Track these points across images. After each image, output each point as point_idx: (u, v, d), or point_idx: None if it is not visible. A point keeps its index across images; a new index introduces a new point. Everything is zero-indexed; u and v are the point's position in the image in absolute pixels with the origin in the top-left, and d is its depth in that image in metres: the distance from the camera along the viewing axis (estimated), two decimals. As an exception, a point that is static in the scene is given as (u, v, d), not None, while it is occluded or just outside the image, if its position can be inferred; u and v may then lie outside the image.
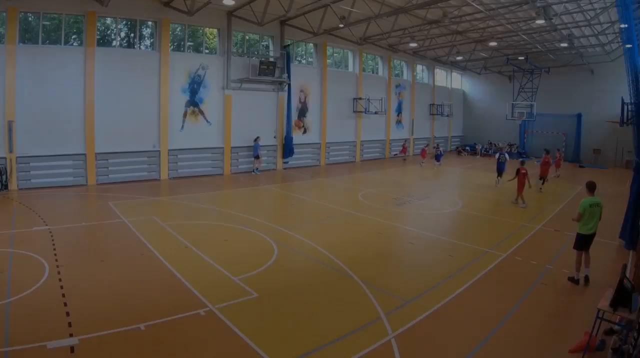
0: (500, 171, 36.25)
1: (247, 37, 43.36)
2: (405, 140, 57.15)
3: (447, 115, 66.02)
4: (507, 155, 38.12)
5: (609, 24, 39.24)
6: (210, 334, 11.49)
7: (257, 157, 41.99)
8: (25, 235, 19.84)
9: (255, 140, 41.95)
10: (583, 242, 15.65)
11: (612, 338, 11.23)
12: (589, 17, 36.95)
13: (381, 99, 53.31)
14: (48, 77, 31.67)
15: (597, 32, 42.55)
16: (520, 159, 33.53)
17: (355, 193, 32.25)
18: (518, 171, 29.87)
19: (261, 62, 41.27)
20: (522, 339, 11.64)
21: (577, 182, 39.25)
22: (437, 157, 47.99)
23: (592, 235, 15.77)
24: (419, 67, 63.72)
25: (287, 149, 44.46)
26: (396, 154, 56.06)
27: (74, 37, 33.95)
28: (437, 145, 50.64)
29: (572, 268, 15.97)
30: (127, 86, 34.90)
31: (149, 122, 36.30)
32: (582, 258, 15.67)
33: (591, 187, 15.92)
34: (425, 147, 53.97)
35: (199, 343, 11.05)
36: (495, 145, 64.74)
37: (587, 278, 15.65)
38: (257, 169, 42.26)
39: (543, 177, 36.09)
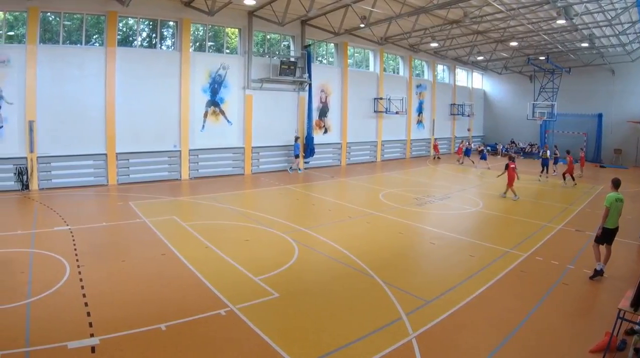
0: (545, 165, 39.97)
1: (268, 37, 42.77)
2: (436, 139, 56.43)
3: (468, 115, 64.87)
4: (548, 152, 40.43)
5: (630, 24, 38.56)
6: (231, 334, 11.33)
7: (297, 156, 42.02)
8: (46, 235, 19.63)
9: (296, 140, 42.16)
10: (609, 236, 15.66)
11: (633, 338, 10.90)
12: (609, 17, 35.90)
13: (402, 99, 52.35)
14: (69, 77, 31.29)
15: (618, 32, 41.83)
16: (509, 154, 34.07)
17: (376, 193, 31.67)
18: (507, 166, 30.93)
19: (282, 62, 40.70)
20: (542, 339, 11.43)
21: (598, 182, 38.99)
22: (483, 156, 46.91)
23: (616, 229, 15.79)
24: (439, 67, 62.67)
25: (308, 148, 43.65)
26: (436, 156, 55.82)
27: (95, 37, 33.45)
28: (481, 145, 49.74)
29: (593, 269, 15.74)
30: (148, 86, 34.52)
31: (169, 122, 35.87)
32: (600, 251, 15.80)
33: (616, 184, 16.19)
34: (461, 144, 52.95)
35: (219, 343, 10.91)
36: (516, 145, 64.02)
37: (602, 272, 15.72)
38: (298, 167, 42.30)
39: (567, 175, 37.14)
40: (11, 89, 29.33)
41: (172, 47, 36.82)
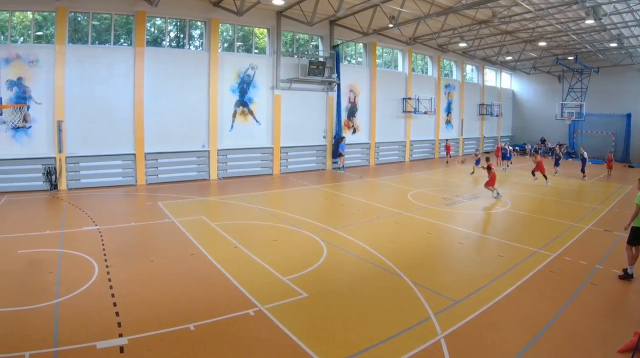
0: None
1: (296, 37, 41.93)
2: (447, 139, 52.96)
3: (497, 115, 63.68)
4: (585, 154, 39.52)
5: (659, 24, 37.42)
6: (259, 334, 11.07)
7: (341, 155, 41.84)
8: (74, 235, 19.35)
9: (341, 139, 42.13)
10: (639, 236, 15.06)
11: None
12: (638, 17, 35.01)
13: (430, 99, 51.31)
14: (97, 77, 30.87)
15: (646, 32, 40.54)
16: (487, 156, 33.27)
17: (405, 193, 30.84)
18: (490, 167, 30.10)
19: (311, 62, 39.97)
20: (571, 339, 11.11)
21: (626, 182, 37.98)
22: (506, 157, 44.65)
23: None
24: (468, 67, 61.30)
25: (337, 149, 42.83)
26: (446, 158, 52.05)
27: (123, 37, 32.87)
28: (507, 145, 47.23)
29: (621, 269, 15.44)
30: (176, 86, 33.94)
31: (198, 122, 35.25)
32: (633, 253, 15.18)
33: None
34: (498, 145, 49.78)
35: (248, 343, 10.66)
36: (544, 144, 62.60)
37: (632, 276, 15.21)
38: (342, 166, 42.15)
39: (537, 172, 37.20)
40: (40, 89, 28.91)
41: (201, 47, 36.12)
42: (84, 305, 12.37)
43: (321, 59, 41.67)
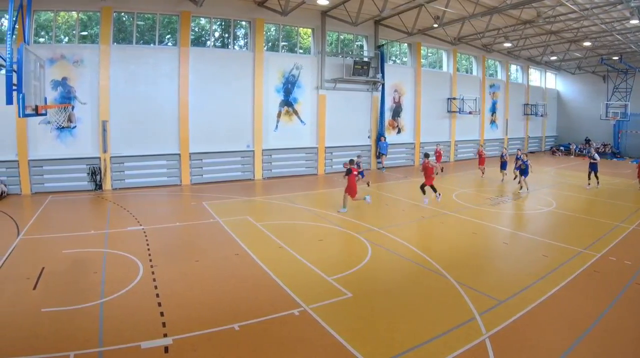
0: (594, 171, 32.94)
1: (341, 37, 40.27)
2: (438, 143, 42.93)
3: (542, 115, 60.91)
4: (597, 156, 33.23)
5: None
6: (304, 334, 10.83)
7: (383, 154, 40.58)
8: (119, 235, 19.04)
9: (381, 139, 40.93)
10: None
11: None
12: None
13: (475, 99, 49.37)
14: (142, 77, 30.05)
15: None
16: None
17: (449, 193, 29.60)
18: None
19: (355, 62, 38.42)
20: (615, 339, 10.83)
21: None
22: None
23: None
24: (513, 67, 58.72)
25: (377, 149, 41.69)
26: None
27: (167, 37, 31.78)
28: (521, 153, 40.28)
29: None
30: (221, 86, 32.86)
31: (242, 122, 34.09)
32: None
33: None
34: (480, 149, 41.60)
35: (293, 343, 10.45)
36: (589, 144, 60.51)
37: None
38: (382, 166, 40.86)
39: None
40: (84, 89, 28.22)
41: (245, 47, 34.76)
42: (129, 305, 12.18)
43: (366, 59, 40.03)
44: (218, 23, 34.19)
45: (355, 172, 24.49)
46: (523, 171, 29.92)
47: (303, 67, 36.97)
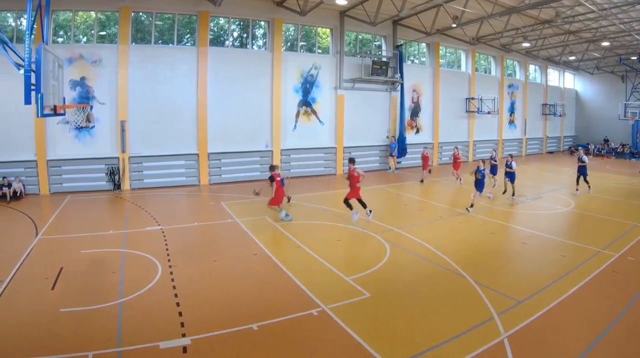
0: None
1: (359, 37, 39.56)
2: (425, 146, 38.90)
3: (560, 115, 60.01)
4: (586, 158, 30.03)
5: None
6: (322, 334, 10.78)
7: (391, 155, 39.70)
8: (137, 235, 18.92)
9: (392, 139, 39.95)
10: None
11: None
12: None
13: (494, 99, 48.37)
14: (160, 77, 29.62)
15: None
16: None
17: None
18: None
19: (374, 62, 37.71)
20: (634, 339, 10.70)
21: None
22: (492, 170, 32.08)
23: None
24: (531, 67, 57.60)
25: (400, 148, 40.51)
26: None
27: (186, 37, 31.23)
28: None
29: None
30: (239, 86, 32.29)
31: (261, 122, 33.56)
32: None
33: None
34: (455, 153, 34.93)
35: (311, 343, 10.40)
36: (608, 144, 58.85)
37: None
38: (394, 168, 39.91)
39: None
40: (103, 89, 27.85)
41: (264, 47, 34.15)
42: (147, 305, 12.09)
43: (384, 59, 39.16)
44: (237, 23, 33.53)
45: (278, 178, 21.85)
46: (509, 175, 27.76)
47: (321, 66, 36.28)
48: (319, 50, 37.14)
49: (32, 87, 12.51)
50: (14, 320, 11.17)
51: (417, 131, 43.34)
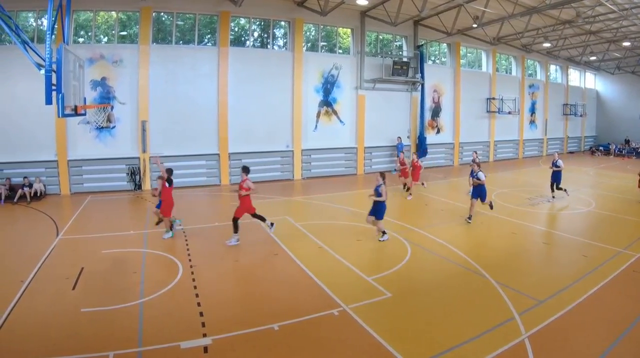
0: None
1: (380, 37, 38.73)
2: (402, 151, 35.76)
3: (581, 115, 58.71)
4: (561, 163, 26.87)
5: None
6: (343, 334, 10.60)
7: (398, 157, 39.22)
8: (158, 235, 18.57)
9: (398, 139, 38.21)
10: None
11: None
12: None
13: (514, 99, 47.29)
14: (181, 77, 29.14)
15: None
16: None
17: (489, 193, 29.10)
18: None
19: (394, 62, 36.78)
20: None
21: None
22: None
23: None
24: (552, 67, 56.34)
25: (421, 149, 39.55)
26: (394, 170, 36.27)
27: (207, 37, 30.72)
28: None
29: None
30: (260, 86, 31.73)
31: (282, 122, 33.03)
32: None
33: None
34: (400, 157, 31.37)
35: (332, 343, 10.21)
36: (629, 144, 57.14)
37: None
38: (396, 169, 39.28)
39: None
40: (124, 89, 27.39)
41: (284, 47, 33.50)
42: (168, 305, 12.02)
43: (405, 59, 38.19)
44: (257, 23, 32.85)
45: (167, 184, 18.42)
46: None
47: (342, 67, 35.51)
48: (340, 51, 36.38)
49: (53, 88, 12.24)
50: (35, 320, 11.01)
51: (438, 131, 42.30)
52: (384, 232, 18.22)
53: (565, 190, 26.64)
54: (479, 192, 21.34)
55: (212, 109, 30.42)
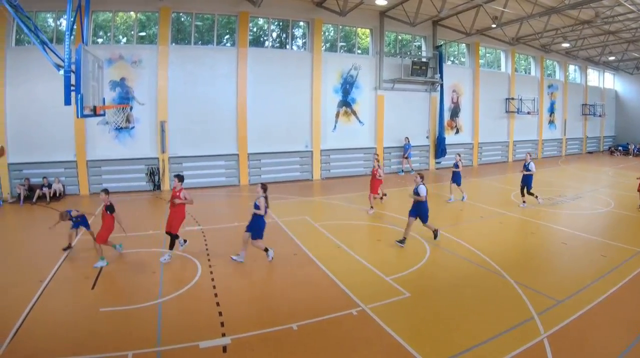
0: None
1: (399, 38, 37.91)
2: (375, 153, 36.15)
3: (600, 116, 57.60)
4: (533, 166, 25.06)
5: None
6: (362, 334, 10.54)
7: (405, 158, 37.81)
8: None
9: (405, 140, 37.61)
10: None
11: None
12: None
13: (533, 99, 46.47)
14: (200, 77, 28.64)
15: None
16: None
17: (508, 193, 28.71)
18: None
19: (413, 63, 36.02)
20: None
21: None
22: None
23: None
24: (571, 67, 55.14)
25: (440, 149, 39.03)
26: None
27: (226, 37, 30.16)
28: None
29: None
30: (279, 86, 31.17)
31: (301, 123, 32.42)
32: None
33: None
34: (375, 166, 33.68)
35: (351, 343, 10.16)
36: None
37: None
38: (410, 168, 37.72)
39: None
40: (142, 89, 26.96)
41: (303, 48, 32.84)
42: (187, 304, 12.02)
43: (424, 60, 37.37)
44: (276, 23, 32.21)
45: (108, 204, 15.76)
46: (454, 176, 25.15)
47: (361, 67, 34.69)
48: (359, 51, 35.48)
49: (72, 88, 12.04)
50: (54, 320, 10.99)
51: (457, 131, 41.34)
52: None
53: (536, 196, 24.88)
54: (417, 210, 17.97)
55: (231, 110, 29.89)
